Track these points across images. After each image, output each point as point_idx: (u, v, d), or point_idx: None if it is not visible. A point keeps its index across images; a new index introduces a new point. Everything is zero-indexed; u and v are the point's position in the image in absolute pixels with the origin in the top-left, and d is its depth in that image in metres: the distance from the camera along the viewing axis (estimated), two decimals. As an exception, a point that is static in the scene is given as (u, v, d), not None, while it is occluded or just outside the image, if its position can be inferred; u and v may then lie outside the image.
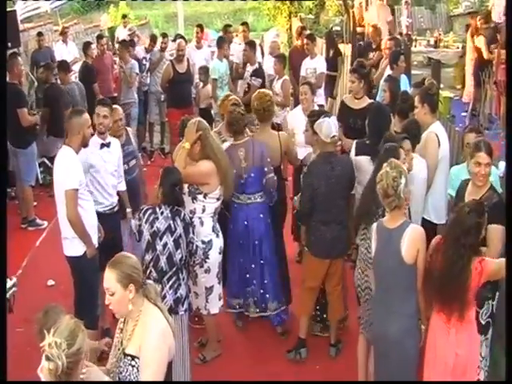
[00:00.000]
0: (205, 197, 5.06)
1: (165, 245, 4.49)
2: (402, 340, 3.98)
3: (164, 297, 4.48)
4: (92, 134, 5.20)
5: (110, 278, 3.23)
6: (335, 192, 5.11)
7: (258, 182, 5.52)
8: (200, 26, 11.29)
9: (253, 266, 5.61)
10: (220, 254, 5.19)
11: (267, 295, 5.62)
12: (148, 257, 4.50)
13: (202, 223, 5.06)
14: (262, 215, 5.58)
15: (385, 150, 4.64)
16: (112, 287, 3.22)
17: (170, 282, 4.57)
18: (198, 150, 5.02)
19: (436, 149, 5.39)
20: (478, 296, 4.07)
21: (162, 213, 4.51)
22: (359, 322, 4.96)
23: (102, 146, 5.49)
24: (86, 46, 10.55)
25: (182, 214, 4.57)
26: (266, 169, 5.48)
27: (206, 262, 5.09)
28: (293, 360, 5.34)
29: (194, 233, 4.66)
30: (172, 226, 4.50)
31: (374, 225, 4.19)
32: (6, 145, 7.24)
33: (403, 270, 3.95)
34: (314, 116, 5.44)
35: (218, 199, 5.12)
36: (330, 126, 5.13)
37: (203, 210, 5.05)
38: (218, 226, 5.19)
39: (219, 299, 5.31)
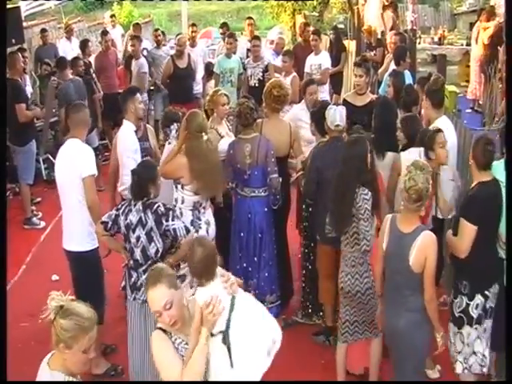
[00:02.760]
0: (182, 187, 5.08)
1: (138, 238, 4.44)
2: (410, 332, 3.97)
3: (141, 286, 4.44)
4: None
5: (162, 293, 3.06)
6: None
7: (263, 178, 5.52)
8: (194, 25, 11.32)
9: (255, 259, 5.61)
10: None
11: (266, 288, 5.63)
12: (127, 246, 4.51)
13: (181, 214, 5.03)
14: (266, 209, 5.58)
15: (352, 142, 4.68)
16: (168, 298, 3.05)
17: (146, 274, 4.45)
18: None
19: None
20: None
21: (135, 205, 4.48)
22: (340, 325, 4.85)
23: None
24: (84, 44, 10.53)
25: (155, 207, 4.43)
26: (269, 169, 5.47)
27: None
28: (298, 354, 5.30)
29: (172, 219, 4.44)
30: (143, 218, 4.42)
31: (388, 217, 4.11)
32: (5, 143, 7.21)
33: (411, 276, 3.92)
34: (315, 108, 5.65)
35: (195, 193, 5.07)
36: (334, 115, 5.17)
37: (182, 201, 5.04)
38: (202, 221, 5.11)
39: None
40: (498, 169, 4.43)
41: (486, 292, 4.31)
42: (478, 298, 4.30)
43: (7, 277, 4.91)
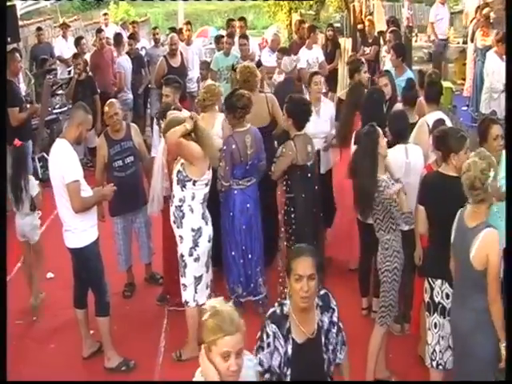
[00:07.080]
0: (194, 184, 4.93)
1: None
2: (472, 335, 3.70)
3: None
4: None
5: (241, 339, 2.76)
6: None
7: (257, 166, 5.65)
8: (189, 23, 11.32)
9: (257, 246, 5.68)
10: (209, 242, 5.04)
11: (260, 279, 5.66)
12: None
13: (191, 210, 4.94)
14: (258, 192, 5.68)
15: (365, 134, 4.57)
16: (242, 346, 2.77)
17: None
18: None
19: (426, 136, 5.25)
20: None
21: None
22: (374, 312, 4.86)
23: None
24: (78, 41, 10.50)
25: None
26: (262, 155, 5.65)
27: (195, 250, 4.97)
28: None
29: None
30: None
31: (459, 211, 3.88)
32: (5, 142, 7.18)
33: (472, 273, 3.69)
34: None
35: (206, 184, 5.00)
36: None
37: (193, 198, 4.93)
38: (207, 213, 5.07)
39: (207, 288, 5.12)
40: None
41: (430, 280, 4.19)
42: (426, 282, 4.21)
43: (2, 274, 4.91)
